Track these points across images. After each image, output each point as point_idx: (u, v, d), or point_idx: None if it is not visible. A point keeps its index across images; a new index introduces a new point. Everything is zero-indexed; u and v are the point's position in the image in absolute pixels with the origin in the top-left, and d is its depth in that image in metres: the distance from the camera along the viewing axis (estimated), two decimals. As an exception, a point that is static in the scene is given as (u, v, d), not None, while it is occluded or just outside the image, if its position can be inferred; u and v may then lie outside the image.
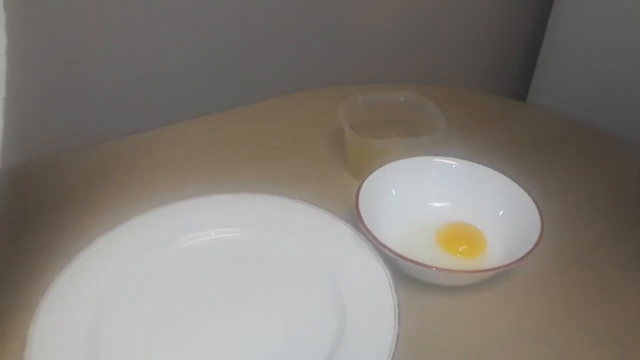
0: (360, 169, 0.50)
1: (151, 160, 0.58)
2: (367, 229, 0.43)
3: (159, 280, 0.43)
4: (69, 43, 0.58)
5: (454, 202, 0.49)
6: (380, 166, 0.48)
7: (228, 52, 0.67)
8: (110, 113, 0.63)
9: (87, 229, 0.45)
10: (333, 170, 0.56)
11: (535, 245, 0.41)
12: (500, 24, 0.96)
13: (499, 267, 0.40)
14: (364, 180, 0.47)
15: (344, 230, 0.46)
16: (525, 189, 0.46)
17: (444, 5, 0.86)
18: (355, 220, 0.44)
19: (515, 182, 0.47)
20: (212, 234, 0.46)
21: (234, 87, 0.69)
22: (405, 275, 0.43)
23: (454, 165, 0.49)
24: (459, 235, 0.47)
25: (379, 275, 0.42)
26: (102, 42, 0.60)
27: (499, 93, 0.75)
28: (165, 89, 0.65)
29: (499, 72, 1.03)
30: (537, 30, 0.94)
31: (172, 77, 0.65)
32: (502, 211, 0.47)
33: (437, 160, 0.50)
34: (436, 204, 0.50)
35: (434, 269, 0.41)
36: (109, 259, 0.43)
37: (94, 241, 0.44)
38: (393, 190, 0.48)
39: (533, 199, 0.45)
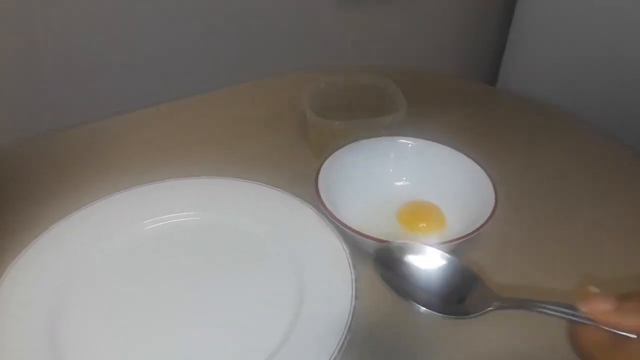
0: (323, 151, 0.51)
1: (113, 146, 0.58)
2: (326, 208, 0.44)
3: (119, 264, 0.43)
4: (28, 36, 0.58)
5: (413, 181, 0.50)
6: (340, 147, 0.49)
7: (192, 38, 0.67)
8: (71, 101, 0.63)
9: (48, 214, 0.45)
10: (296, 154, 0.57)
11: (488, 220, 0.42)
12: (470, 8, 0.97)
13: (450, 240, 0.41)
14: (323, 161, 0.48)
15: (306, 211, 0.47)
16: (481, 166, 0.47)
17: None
18: (317, 200, 0.44)
19: (472, 159, 0.48)
20: (174, 218, 0.46)
21: (197, 73, 0.69)
22: (369, 254, 0.44)
23: (410, 145, 0.50)
24: (418, 213, 0.48)
25: (338, 253, 0.43)
26: (67, 31, 0.59)
27: (471, 77, 0.76)
28: (129, 75, 0.65)
29: (470, 57, 1.04)
30: (509, 14, 0.95)
31: (136, 63, 0.65)
32: (458, 188, 0.48)
33: (395, 140, 0.51)
34: (396, 183, 0.51)
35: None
36: (68, 242, 0.43)
37: (53, 225, 0.44)
38: (353, 171, 0.49)
39: (488, 175, 0.46)
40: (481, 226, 0.42)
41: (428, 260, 0.33)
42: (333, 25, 0.79)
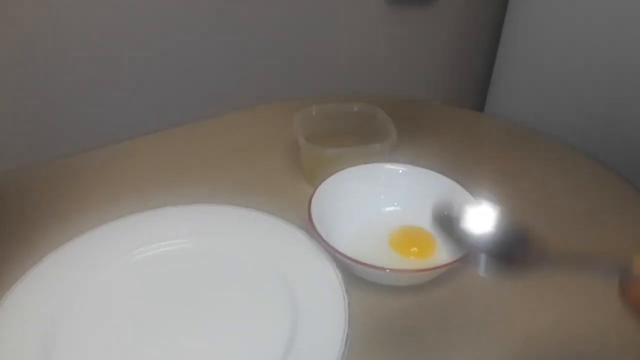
0: (316, 178, 0.52)
1: (105, 175, 0.58)
2: (318, 234, 0.44)
3: (113, 293, 0.43)
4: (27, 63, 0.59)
5: (403, 206, 0.51)
6: (332, 174, 0.50)
7: (184, 67, 0.69)
8: (62, 129, 0.63)
9: (41, 243, 0.45)
10: (290, 180, 0.58)
11: (477, 243, 0.42)
12: (458, 37, 1.00)
13: (442, 265, 0.41)
14: (316, 188, 0.48)
15: (298, 237, 0.47)
16: (469, 191, 0.48)
17: (403, 21, 0.89)
18: (310, 227, 0.45)
19: (461, 185, 0.49)
20: (167, 245, 0.47)
21: (189, 101, 0.70)
22: (361, 279, 0.45)
23: (400, 171, 0.51)
24: (410, 238, 0.49)
25: (331, 279, 0.43)
26: (59, 57, 0.60)
27: (459, 104, 0.78)
28: (121, 103, 0.66)
29: (458, 84, 1.07)
30: (495, 41, 0.98)
31: (128, 91, 0.66)
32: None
33: (386, 166, 0.52)
34: (387, 209, 0.51)
35: (387, 270, 0.42)
36: (62, 273, 0.43)
37: (46, 255, 0.44)
38: (345, 197, 0.50)
39: (476, 200, 0.47)
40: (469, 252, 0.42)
41: (484, 219, 0.34)
42: (324, 54, 0.80)
